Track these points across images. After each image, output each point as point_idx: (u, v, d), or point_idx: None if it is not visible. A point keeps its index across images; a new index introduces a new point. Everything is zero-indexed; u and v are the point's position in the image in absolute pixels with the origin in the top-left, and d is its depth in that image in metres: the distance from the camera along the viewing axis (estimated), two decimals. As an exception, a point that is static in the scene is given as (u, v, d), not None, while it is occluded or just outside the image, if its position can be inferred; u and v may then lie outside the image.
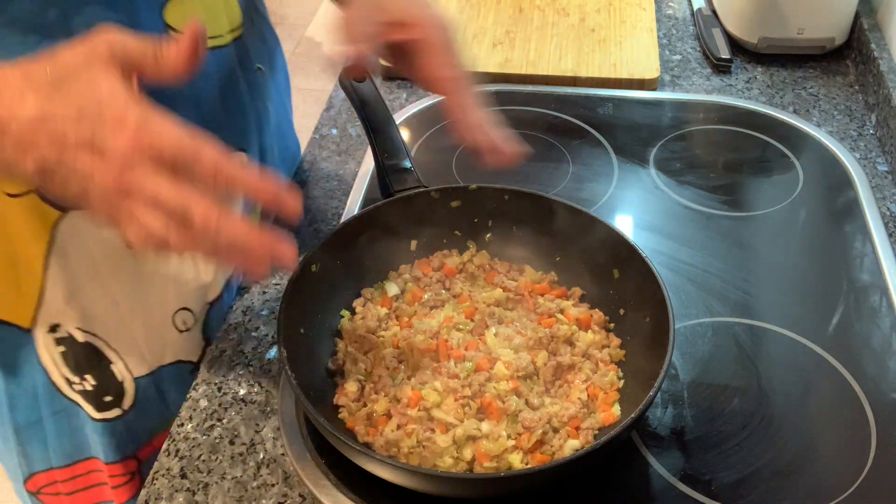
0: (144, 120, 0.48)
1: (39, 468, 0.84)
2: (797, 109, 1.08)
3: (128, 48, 0.51)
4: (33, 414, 0.79)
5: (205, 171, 0.48)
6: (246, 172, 0.49)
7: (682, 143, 1.02)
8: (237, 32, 0.79)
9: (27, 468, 0.84)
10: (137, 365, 0.80)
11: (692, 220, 0.91)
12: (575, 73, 1.12)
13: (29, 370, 0.77)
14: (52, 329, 0.75)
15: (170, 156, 0.48)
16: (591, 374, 0.71)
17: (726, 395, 0.73)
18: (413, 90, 1.13)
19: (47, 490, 0.86)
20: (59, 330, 0.75)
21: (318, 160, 1.02)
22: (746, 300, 0.82)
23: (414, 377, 0.70)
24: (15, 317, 0.74)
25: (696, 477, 0.67)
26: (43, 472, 0.85)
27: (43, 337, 0.75)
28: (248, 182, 0.49)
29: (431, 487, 0.63)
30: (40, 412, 0.79)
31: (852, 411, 0.72)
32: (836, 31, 1.14)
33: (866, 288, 0.83)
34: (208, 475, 0.69)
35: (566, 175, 0.97)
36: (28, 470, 0.84)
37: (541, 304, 0.77)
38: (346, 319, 0.76)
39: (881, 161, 0.99)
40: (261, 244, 0.49)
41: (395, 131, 0.85)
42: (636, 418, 0.62)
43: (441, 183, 0.84)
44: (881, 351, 0.77)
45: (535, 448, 0.66)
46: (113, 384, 0.79)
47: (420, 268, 0.81)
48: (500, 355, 0.71)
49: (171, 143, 0.48)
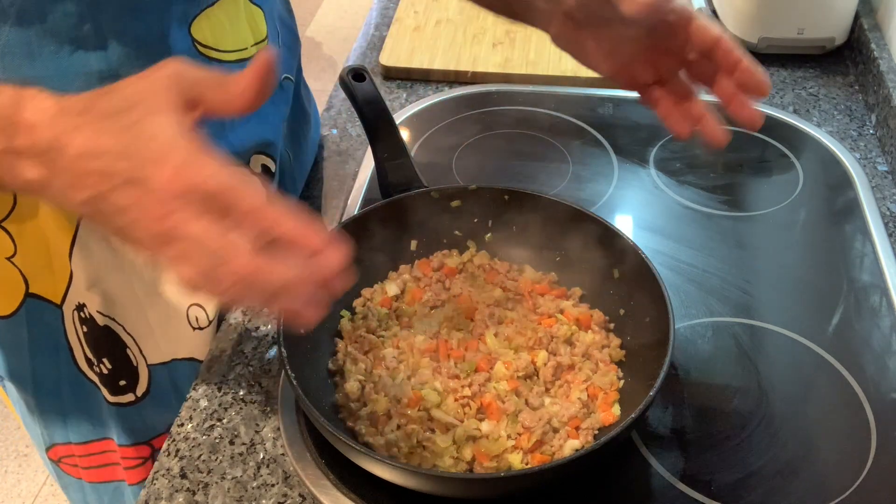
0: (188, 158, 0.46)
1: (59, 441, 0.88)
2: (797, 109, 1.08)
3: (194, 80, 0.50)
4: (55, 390, 0.83)
5: (246, 215, 0.46)
6: (289, 220, 0.47)
7: (682, 143, 1.02)
8: (262, 45, 0.80)
9: (48, 439, 0.88)
10: (152, 352, 0.81)
11: (692, 220, 0.91)
12: (575, 73, 1.12)
13: (55, 346, 0.80)
14: (79, 308, 0.78)
15: (212, 197, 0.46)
16: (591, 374, 0.71)
17: (726, 395, 0.73)
18: (413, 90, 1.13)
19: (67, 461, 0.90)
20: (84, 310, 0.78)
21: (318, 160, 1.02)
22: (746, 300, 0.82)
23: (414, 377, 0.70)
24: (50, 293, 0.77)
25: (696, 477, 0.67)
26: (62, 445, 0.88)
27: (70, 314, 0.78)
28: (290, 231, 0.47)
29: (431, 487, 0.63)
30: (61, 390, 0.83)
31: (852, 411, 0.72)
32: (836, 31, 1.14)
33: (866, 288, 0.83)
34: (208, 475, 0.69)
35: (566, 175, 0.97)
36: (49, 440, 0.88)
37: (541, 304, 0.77)
38: (346, 319, 0.77)
39: (881, 161, 0.99)
40: (309, 285, 0.47)
41: (395, 131, 0.85)
42: (636, 418, 0.62)
43: (441, 183, 0.84)
44: (881, 351, 0.77)
45: (535, 448, 0.66)
46: (127, 368, 0.82)
47: (420, 268, 0.81)
48: (500, 355, 0.71)
49: (214, 183, 0.46)
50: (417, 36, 1.20)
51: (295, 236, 0.47)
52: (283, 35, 0.87)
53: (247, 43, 0.77)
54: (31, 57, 0.63)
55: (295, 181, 0.93)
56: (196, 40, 0.70)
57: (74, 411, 0.85)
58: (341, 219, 0.92)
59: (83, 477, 0.92)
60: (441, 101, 1.09)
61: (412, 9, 1.26)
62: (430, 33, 1.20)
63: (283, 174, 0.87)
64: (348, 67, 0.88)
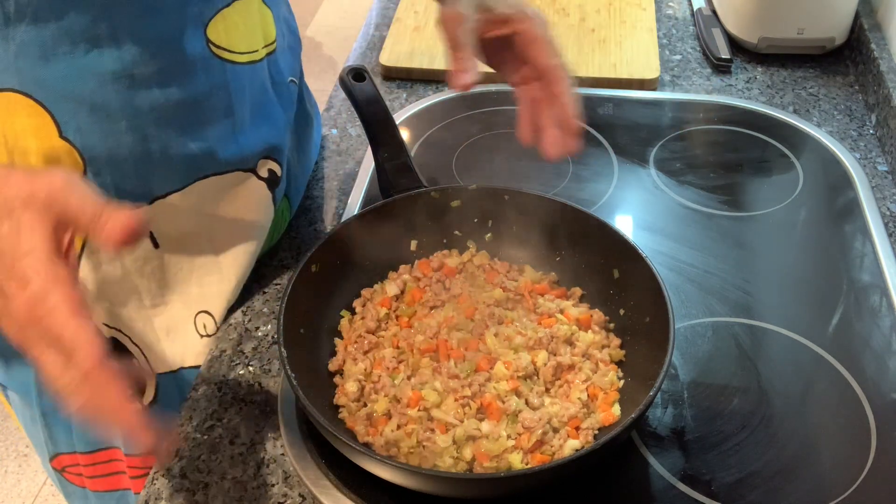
0: (45, 290, 0.49)
1: (64, 450, 0.87)
2: (797, 109, 1.08)
3: (68, 205, 0.51)
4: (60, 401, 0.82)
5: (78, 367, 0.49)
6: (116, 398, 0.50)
7: (682, 143, 1.02)
8: (271, 48, 0.80)
9: (53, 448, 0.87)
10: (159, 361, 0.81)
11: (692, 220, 0.91)
12: (575, 73, 1.12)
13: None
14: None
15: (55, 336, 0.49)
16: (591, 374, 0.71)
17: (726, 395, 0.73)
18: (413, 90, 1.13)
19: (71, 470, 0.89)
20: None
21: (318, 160, 1.02)
22: (746, 300, 0.82)
23: (414, 377, 0.70)
24: None
25: (696, 477, 0.67)
26: (67, 454, 0.87)
27: None
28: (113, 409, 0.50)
29: (431, 487, 0.63)
30: None
31: (852, 411, 0.72)
32: (836, 31, 1.14)
33: (866, 288, 0.83)
34: (208, 475, 0.69)
35: (566, 175, 0.97)
36: (54, 450, 0.87)
37: (541, 304, 0.77)
38: (346, 319, 0.77)
39: (881, 161, 0.99)
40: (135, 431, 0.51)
41: (395, 131, 0.85)
42: (636, 418, 0.62)
43: (441, 183, 0.84)
44: (881, 351, 0.77)
45: (535, 448, 0.66)
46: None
47: (420, 268, 0.81)
48: (500, 355, 0.71)
49: (57, 324, 0.49)
50: (417, 36, 1.20)
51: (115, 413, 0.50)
52: (288, 37, 0.87)
53: (258, 45, 0.77)
54: (46, 58, 0.63)
55: (298, 184, 0.93)
56: (210, 41, 0.70)
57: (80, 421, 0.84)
58: (341, 219, 0.92)
59: (88, 486, 0.91)
60: (441, 101, 1.09)
61: (412, 9, 1.26)
62: (430, 33, 1.20)
63: (288, 177, 0.87)
64: (348, 67, 0.88)
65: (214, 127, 0.73)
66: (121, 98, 0.66)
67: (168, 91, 0.68)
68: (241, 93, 0.75)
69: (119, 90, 0.65)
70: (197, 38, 0.69)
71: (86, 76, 0.64)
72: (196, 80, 0.70)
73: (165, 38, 0.67)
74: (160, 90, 0.67)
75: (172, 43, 0.67)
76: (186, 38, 0.68)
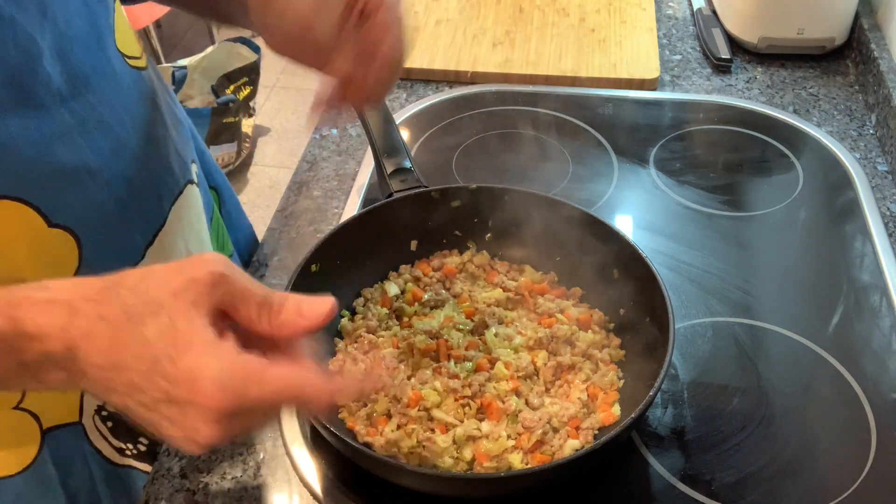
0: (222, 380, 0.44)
1: None
2: (797, 109, 1.08)
3: (231, 289, 0.46)
4: (86, 484, 0.76)
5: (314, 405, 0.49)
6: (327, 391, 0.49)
7: (682, 143, 1.02)
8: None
9: None
10: None
11: (692, 220, 0.91)
12: (575, 73, 1.12)
13: (81, 456, 0.74)
14: (98, 410, 0.73)
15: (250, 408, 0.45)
16: (591, 374, 0.71)
17: (726, 395, 0.73)
18: (413, 90, 1.13)
19: None
20: (104, 409, 0.74)
21: (318, 160, 1.02)
22: (746, 300, 0.82)
23: (414, 377, 0.70)
24: (65, 416, 0.71)
25: (696, 477, 0.67)
26: None
27: (89, 422, 0.73)
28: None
29: (431, 487, 0.63)
30: (94, 481, 0.76)
31: (852, 411, 0.72)
32: (836, 31, 1.14)
33: (866, 288, 0.83)
34: (208, 475, 0.69)
35: (566, 175, 0.97)
36: None
37: (541, 304, 0.77)
38: (346, 319, 0.77)
39: (881, 161, 0.99)
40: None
41: (395, 131, 0.85)
42: (636, 418, 0.62)
43: (441, 183, 0.84)
44: (881, 351, 0.77)
45: (535, 448, 0.66)
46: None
47: (420, 268, 0.81)
48: (500, 355, 0.71)
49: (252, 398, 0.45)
50: (417, 36, 1.20)
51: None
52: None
53: (139, 51, 0.74)
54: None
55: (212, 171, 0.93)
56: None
57: (110, 496, 0.77)
58: (341, 219, 0.92)
59: None
60: (441, 101, 1.09)
61: (412, 9, 1.26)
62: (429, 33, 1.20)
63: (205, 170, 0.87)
64: (348, 67, 0.88)
65: (114, 131, 0.67)
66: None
67: None
68: (142, 95, 0.72)
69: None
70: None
71: None
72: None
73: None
74: None
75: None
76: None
